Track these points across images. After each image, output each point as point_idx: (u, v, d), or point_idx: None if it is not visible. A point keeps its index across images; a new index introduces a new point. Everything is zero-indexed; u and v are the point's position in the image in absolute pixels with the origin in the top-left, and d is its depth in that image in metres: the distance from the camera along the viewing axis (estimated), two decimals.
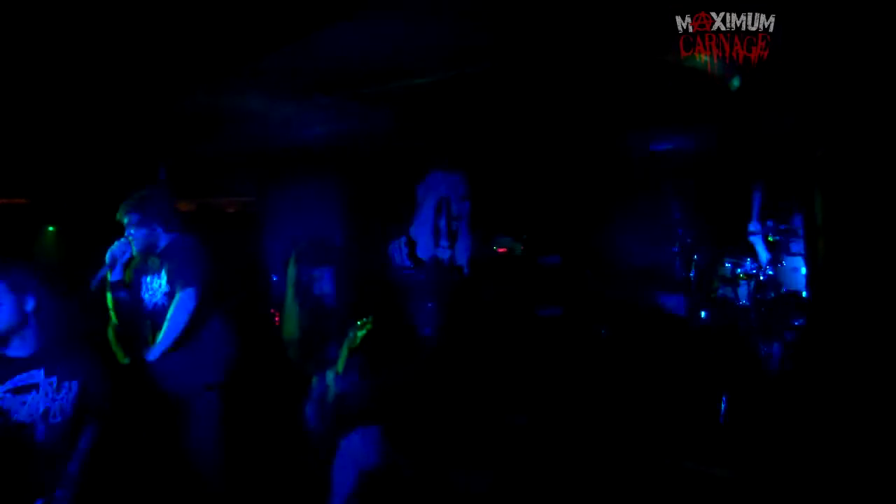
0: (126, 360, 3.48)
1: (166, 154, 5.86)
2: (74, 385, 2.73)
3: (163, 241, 3.54)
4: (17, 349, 2.70)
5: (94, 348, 2.95)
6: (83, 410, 2.76)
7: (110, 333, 3.58)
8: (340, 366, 2.85)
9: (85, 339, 2.93)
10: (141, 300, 3.59)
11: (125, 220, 3.49)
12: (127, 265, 3.53)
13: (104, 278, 3.46)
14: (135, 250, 3.50)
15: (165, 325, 3.35)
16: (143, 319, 3.65)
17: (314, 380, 3.15)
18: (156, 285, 3.51)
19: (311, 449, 2.99)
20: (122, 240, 3.48)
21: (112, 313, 3.53)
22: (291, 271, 3.02)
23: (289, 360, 3.07)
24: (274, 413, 4.09)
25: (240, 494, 3.53)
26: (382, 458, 2.82)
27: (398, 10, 2.80)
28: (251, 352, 3.74)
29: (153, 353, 3.36)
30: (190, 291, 3.35)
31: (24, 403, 2.63)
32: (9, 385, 2.63)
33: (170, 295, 3.43)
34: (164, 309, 3.43)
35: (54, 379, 2.71)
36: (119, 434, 2.95)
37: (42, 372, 2.70)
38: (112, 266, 3.46)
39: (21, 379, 2.65)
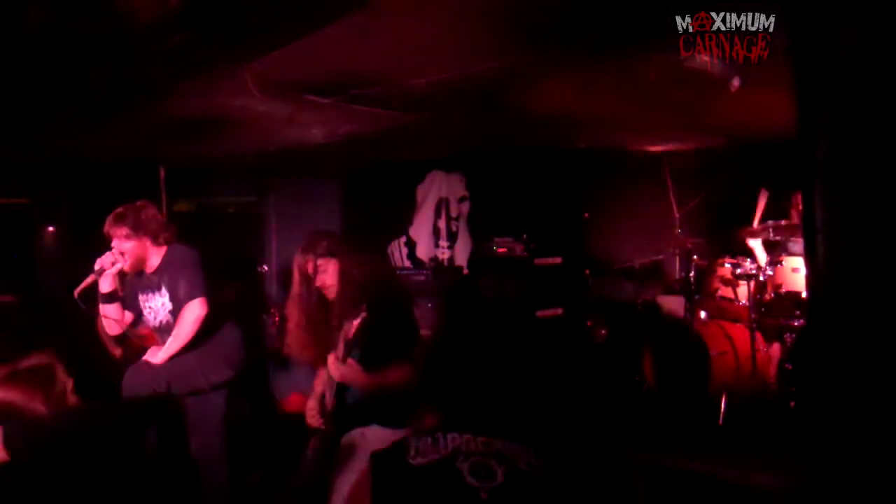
0: (118, 354, 3.47)
1: (166, 154, 5.86)
2: None
3: (154, 254, 3.49)
4: None
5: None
6: None
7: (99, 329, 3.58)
8: (340, 359, 2.85)
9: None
10: (140, 316, 3.58)
11: (112, 233, 3.44)
12: (117, 277, 3.50)
13: (90, 289, 3.42)
14: (125, 264, 3.45)
15: (174, 335, 3.34)
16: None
17: (315, 376, 3.14)
18: (158, 304, 3.48)
19: (312, 446, 2.99)
20: (112, 252, 3.43)
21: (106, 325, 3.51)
22: (296, 261, 3.02)
23: (290, 356, 3.06)
24: (274, 410, 4.08)
25: (241, 494, 3.53)
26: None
27: (399, 10, 2.80)
28: (251, 351, 3.74)
29: (159, 357, 3.35)
30: (198, 302, 3.33)
31: None
32: None
33: (174, 311, 3.41)
34: (170, 325, 3.41)
35: None
36: (125, 435, 2.96)
37: None
38: (98, 276, 3.41)
39: None
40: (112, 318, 3.48)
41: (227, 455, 3.50)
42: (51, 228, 6.06)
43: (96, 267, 3.40)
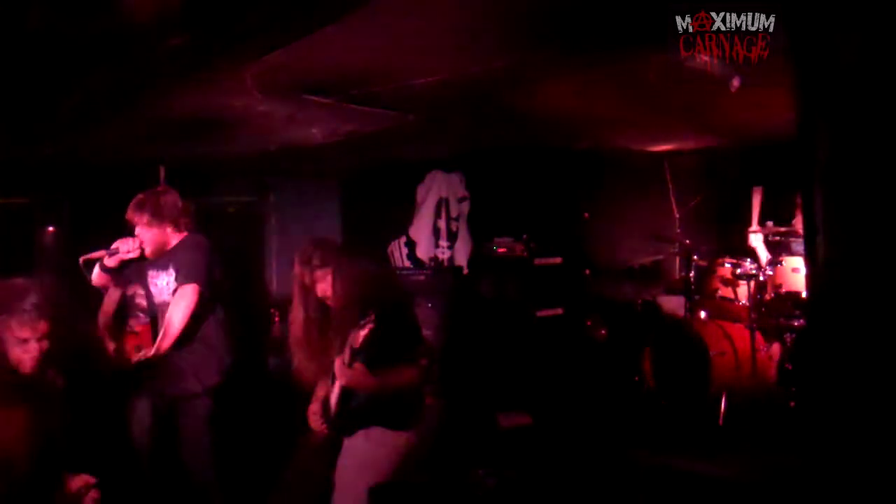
0: (111, 349, 3.46)
1: (166, 154, 5.86)
2: None
3: (174, 239, 3.53)
4: None
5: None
6: None
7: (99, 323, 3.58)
8: (347, 364, 2.84)
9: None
10: (150, 296, 3.59)
11: (134, 220, 3.45)
12: (132, 263, 3.50)
13: (97, 264, 3.43)
14: (146, 251, 3.47)
15: (166, 322, 3.34)
16: (146, 315, 3.64)
17: (317, 382, 3.14)
18: (164, 282, 3.50)
19: (315, 450, 2.99)
20: (133, 239, 3.45)
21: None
22: (294, 272, 3.02)
23: (292, 361, 3.06)
24: (276, 414, 4.08)
25: (240, 497, 3.53)
26: (386, 459, 2.83)
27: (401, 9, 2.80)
28: (252, 352, 3.74)
29: (153, 354, 3.35)
30: (190, 288, 3.34)
31: None
32: None
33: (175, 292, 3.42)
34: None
35: None
36: (114, 437, 2.95)
37: None
38: (111, 254, 3.43)
39: None
40: (100, 283, 3.53)
41: (227, 457, 3.50)
42: (51, 228, 6.06)
43: (113, 246, 3.43)
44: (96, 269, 3.50)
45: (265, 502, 3.06)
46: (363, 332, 2.77)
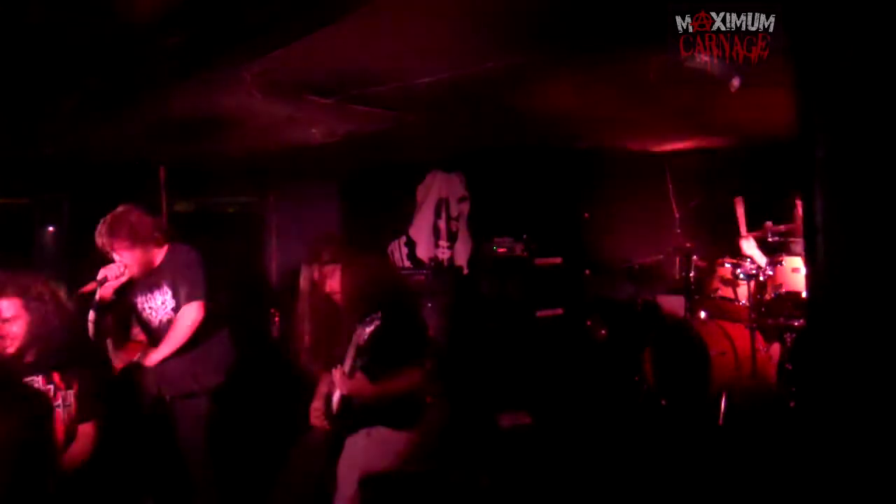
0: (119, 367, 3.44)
1: (166, 154, 5.86)
2: (70, 394, 2.73)
3: (157, 255, 3.44)
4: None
5: (91, 354, 2.93)
6: (80, 418, 2.76)
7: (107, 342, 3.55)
8: (347, 364, 2.84)
9: (83, 345, 2.91)
10: (138, 318, 3.54)
11: (112, 247, 3.32)
12: (119, 287, 3.41)
13: (89, 295, 3.35)
14: (133, 272, 3.39)
15: (168, 336, 3.33)
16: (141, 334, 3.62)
17: (320, 378, 3.14)
18: (158, 303, 3.44)
19: (317, 448, 2.99)
20: (117, 264, 3.34)
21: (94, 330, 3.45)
22: (301, 269, 3.01)
23: (294, 359, 3.06)
24: (278, 412, 4.09)
25: (240, 496, 3.53)
26: (387, 458, 2.83)
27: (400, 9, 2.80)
28: (253, 351, 3.74)
29: (152, 359, 3.34)
30: (196, 305, 3.32)
31: None
32: None
33: (176, 309, 3.39)
34: (171, 325, 3.40)
35: (51, 387, 2.70)
36: (113, 437, 2.95)
37: (40, 379, 2.70)
38: (101, 284, 3.34)
39: None
40: (96, 323, 3.40)
41: (228, 456, 3.50)
42: (51, 228, 6.06)
43: (99, 276, 3.30)
44: (91, 315, 3.30)
45: (265, 502, 3.05)
46: (369, 330, 2.76)
